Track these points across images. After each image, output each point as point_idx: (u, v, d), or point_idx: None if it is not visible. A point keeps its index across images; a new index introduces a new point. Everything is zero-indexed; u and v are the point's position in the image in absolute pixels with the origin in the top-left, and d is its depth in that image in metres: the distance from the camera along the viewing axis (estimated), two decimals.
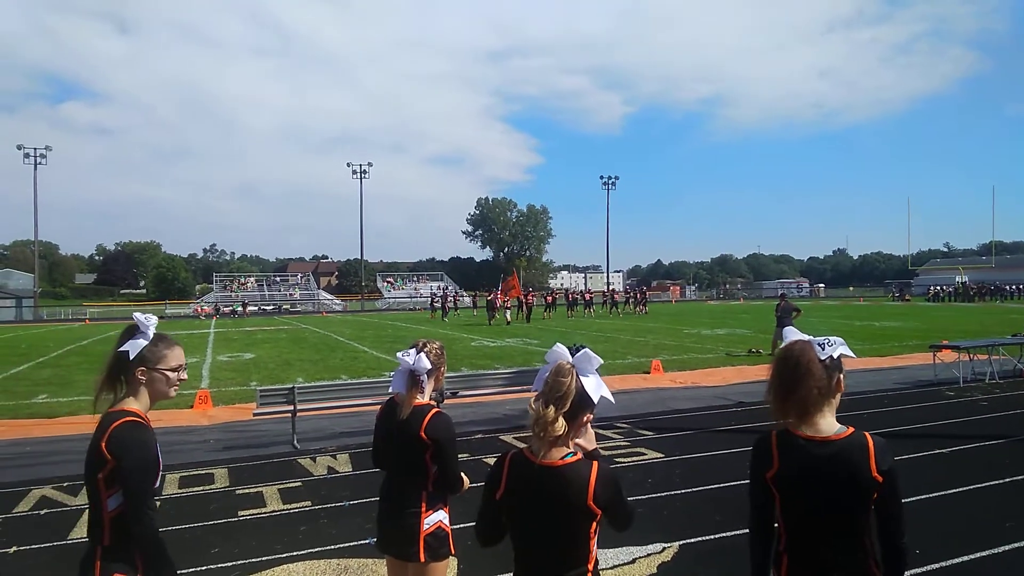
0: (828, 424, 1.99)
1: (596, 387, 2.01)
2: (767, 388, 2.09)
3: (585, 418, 2.04)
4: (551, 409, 1.93)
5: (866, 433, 1.99)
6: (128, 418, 2.23)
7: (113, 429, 2.19)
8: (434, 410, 2.82)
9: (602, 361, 2.06)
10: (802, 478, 1.96)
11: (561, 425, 1.93)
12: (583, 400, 1.98)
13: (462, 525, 3.64)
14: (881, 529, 1.97)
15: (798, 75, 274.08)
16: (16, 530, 5.55)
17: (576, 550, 1.99)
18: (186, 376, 2.45)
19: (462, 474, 2.90)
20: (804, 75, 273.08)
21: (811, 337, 2.08)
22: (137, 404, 2.30)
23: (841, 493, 1.92)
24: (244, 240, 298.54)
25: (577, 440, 2.07)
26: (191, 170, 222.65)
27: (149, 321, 2.36)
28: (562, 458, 1.97)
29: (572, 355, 2.03)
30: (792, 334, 2.12)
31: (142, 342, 2.32)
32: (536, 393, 2.02)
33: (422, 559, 2.74)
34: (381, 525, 2.92)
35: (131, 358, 2.30)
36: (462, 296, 51.50)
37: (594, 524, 1.98)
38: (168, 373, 2.34)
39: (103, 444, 2.17)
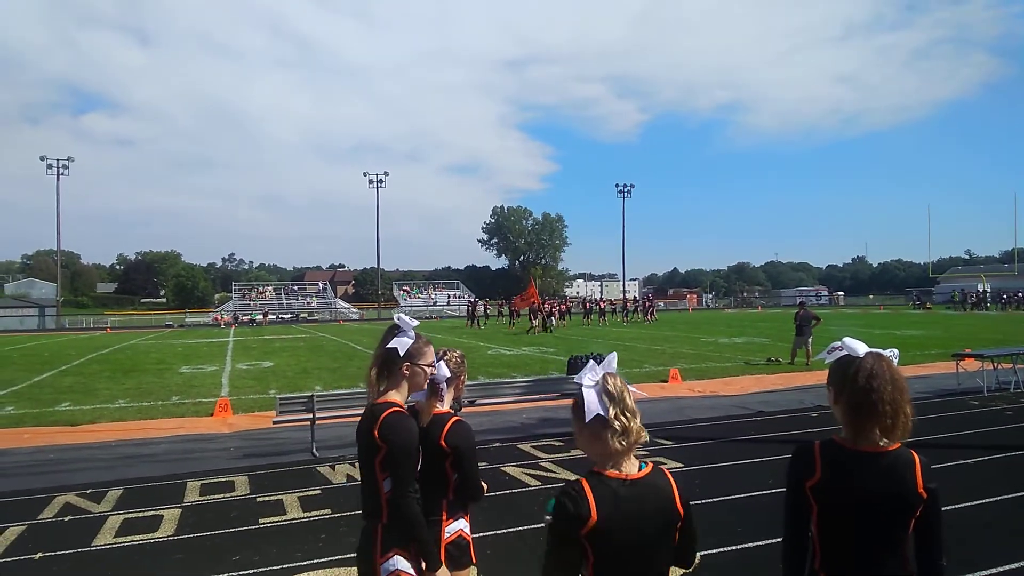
0: (877, 436, 1.92)
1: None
2: (863, 408, 1.91)
3: None
4: (638, 417, 1.84)
5: (911, 449, 1.94)
6: (395, 408, 2.48)
7: (384, 418, 2.43)
8: (454, 418, 2.82)
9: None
10: (846, 490, 1.90)
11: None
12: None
13: (483, 534, 3.64)
14: (921, 547, 1.93)
15: (817, 81, 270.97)
16: (41, 536, 5.62)
17: (666, 566, 1.89)
18: (436, 371, 2.69)
19: (482, 482, 2.90)
20: (823, 81, 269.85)
21: (880, 349, 2.00)
22: (399, 396, 2.55)
23: (886, 507, 1.88)
24: (262, 249, 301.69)
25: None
26: (213, 180, 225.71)
27: (411, 322, 2.61)
28: (639, 469, 1.84)
29: (598, 363, 1.94)
30: (857, 345, 1.98)
31: (408, 340, 2.56)
32: (610, 412, 1.79)
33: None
34: None
35: (400, 354, 2.53)
36: (490, 305, 52.11)
37: (678, 533, 1.88)
38: (426, 368, 2.60)
39: (375, 432, 2.41)
